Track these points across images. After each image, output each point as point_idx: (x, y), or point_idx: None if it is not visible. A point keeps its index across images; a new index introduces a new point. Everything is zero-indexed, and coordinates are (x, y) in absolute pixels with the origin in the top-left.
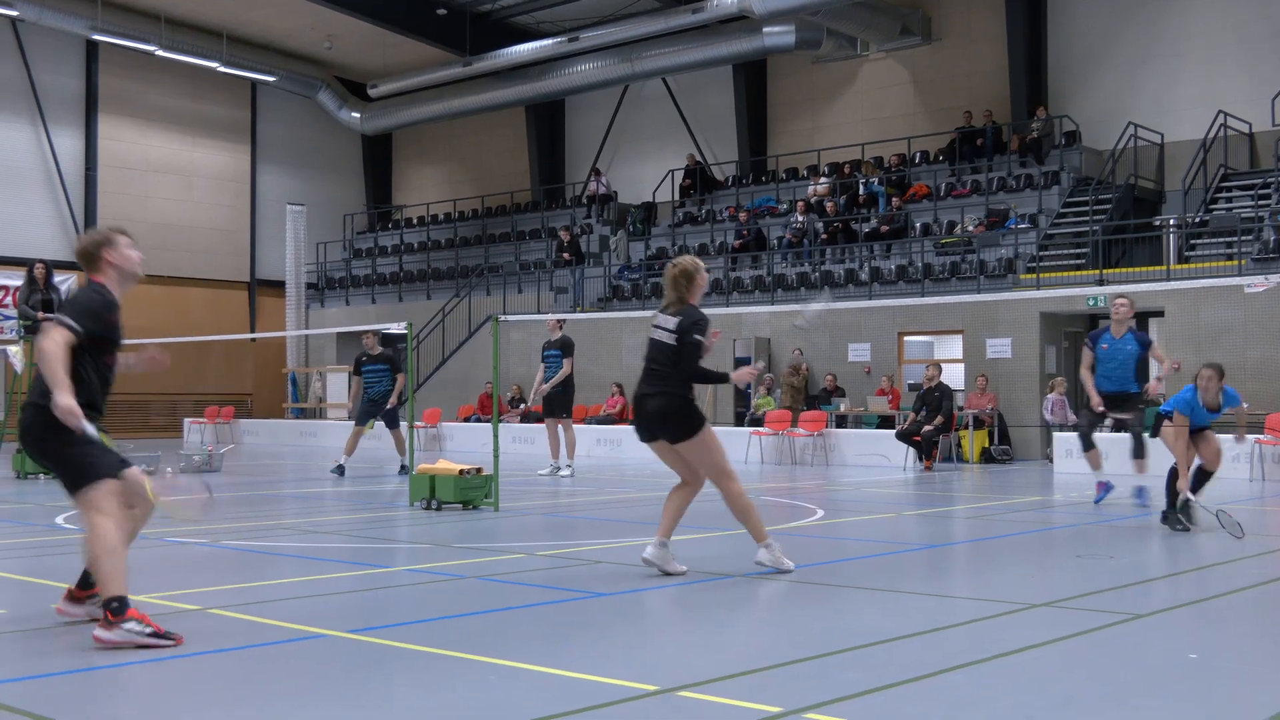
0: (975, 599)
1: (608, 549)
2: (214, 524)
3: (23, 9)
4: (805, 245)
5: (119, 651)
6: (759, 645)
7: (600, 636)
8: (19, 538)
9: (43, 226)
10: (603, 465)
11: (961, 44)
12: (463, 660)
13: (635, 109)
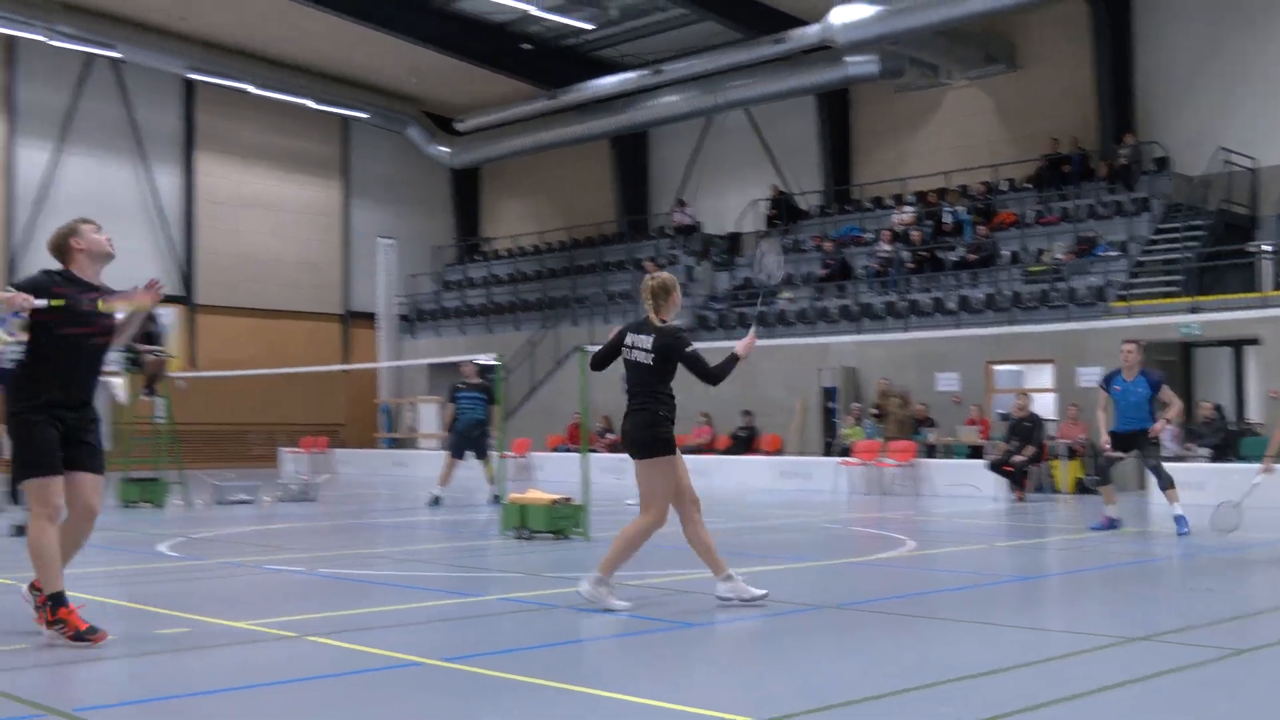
0: (1070, 632)
1: (696, 579)
2: (311, 552)
3: (124, 50)
4: (891, 274)
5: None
6: (850, 676)
7: (691, 666)
8: (123, 564)
9: (144, 260)
10: None
11: (1047, 70)
12: (555, 689)
13: (718, 140)
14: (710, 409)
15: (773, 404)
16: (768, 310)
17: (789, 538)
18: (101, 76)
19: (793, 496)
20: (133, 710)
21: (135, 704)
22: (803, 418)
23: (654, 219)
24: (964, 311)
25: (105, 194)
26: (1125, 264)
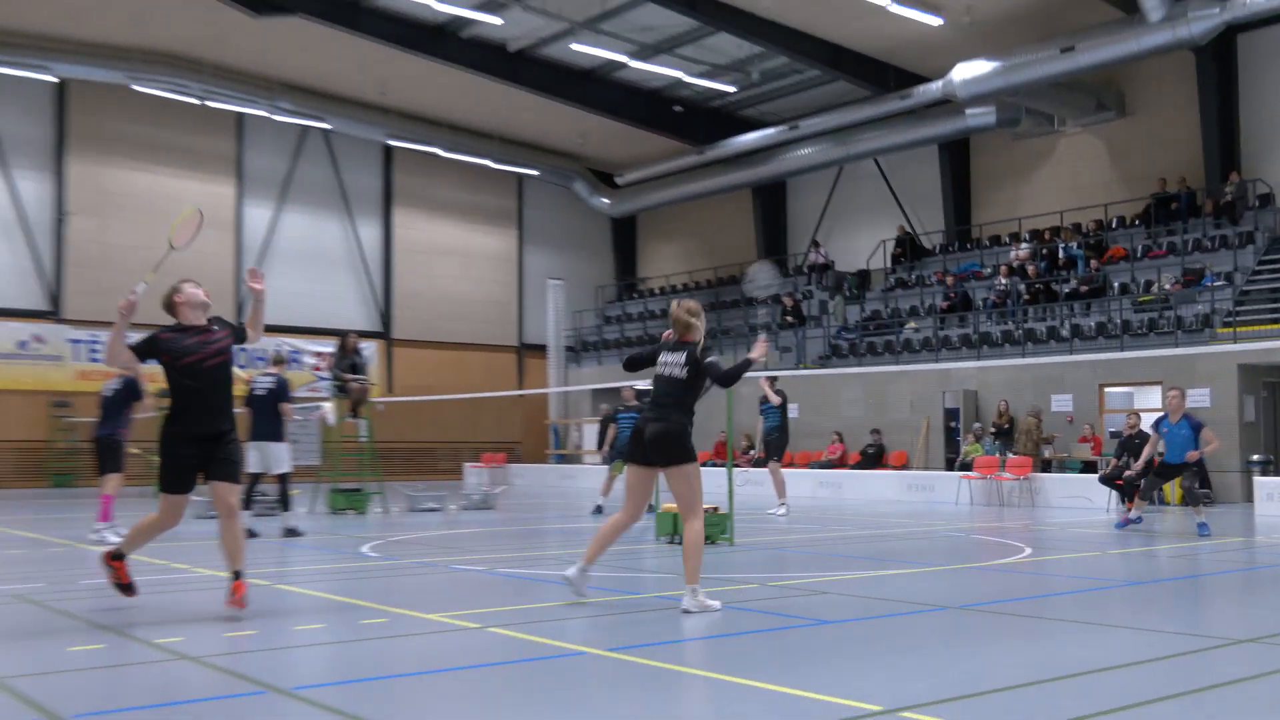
0: (1181, 633)
1: (831, 580)
2: (491, 554)
3: (334, 122)
4: (1009, 305)
5: (413, 663)
6: (974, 671)
7: (828, 660)
8: (331, 564)
9: (350, 303)
10: (825, 505)
11: (1155, 116)
12: (704, 678)
13: (849, 186)
14: (842, 428)
15: (899, 423)
16: (894, 340)
17: (915, 545)
18: (314, 145)
19: (918, 507)
20: (341, 689)
21: (343, 684)
22: (927, 436)
23: (791, 258)
24: (1077, 338)
25: (317, 245)
26: (1231, 293)
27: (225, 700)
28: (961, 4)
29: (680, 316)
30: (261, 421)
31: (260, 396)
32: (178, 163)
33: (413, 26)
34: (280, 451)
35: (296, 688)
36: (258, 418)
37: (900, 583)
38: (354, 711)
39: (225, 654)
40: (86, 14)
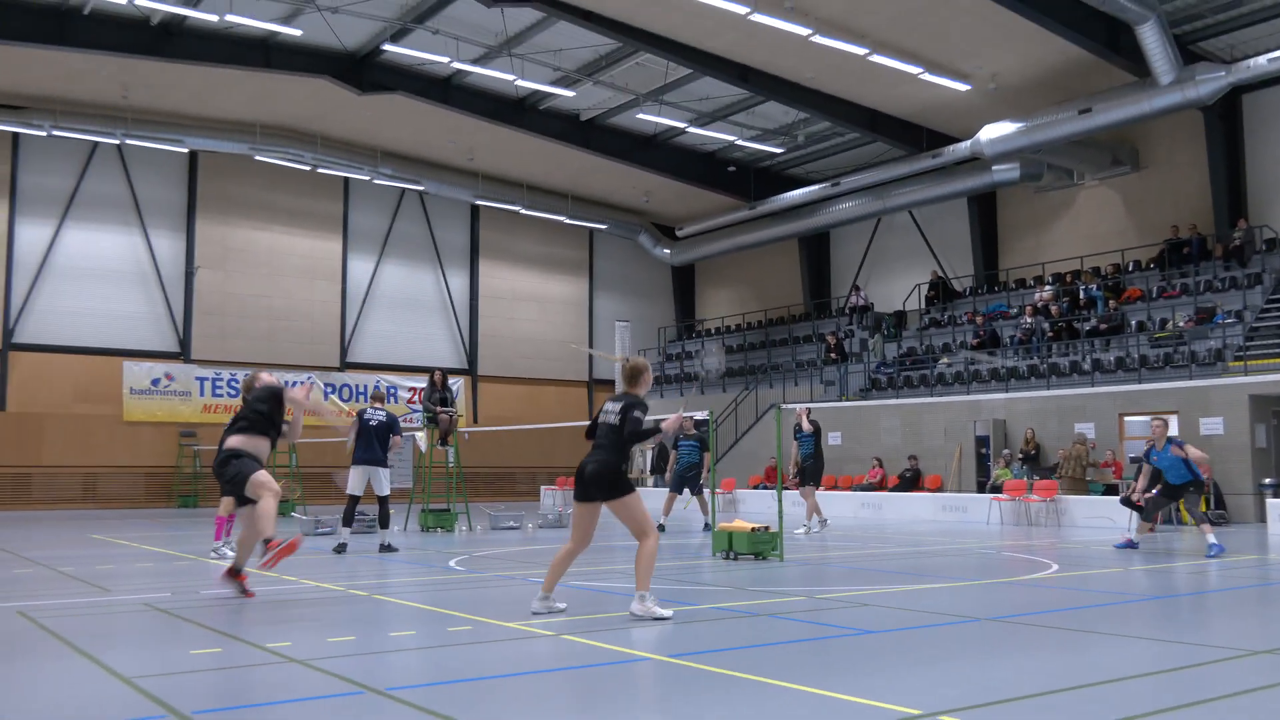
0: (1199, 645)
1: (872, 594)
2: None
3: (428, 185)
4: (1034, 342)
5: (495, 666)
6: (1005, 678)
7: (869, 666)
8: (422, 576)
9: (440, 343)
10: (866, 525)
11: (1167, 169)
12: (755, 682)
13: (886, 236)
14: (882, 454)
15: (934, 450)
16: (929, 374)
17: (949, 561)
18: (411, 204)
19: (951, 527)
20: (431, 690)
21: (433, 685)
22: (959, 461)
23: (834, 301)
24: (1098, 372)
25: (412, 293)
26: (1241, 329)
27: (327, 699)
28: (987, 72)
29: (625, 371)
30: (373, 448)
31: (374, 426)
32: (291, 222)
33: (497, 101)
34: (384, 476)
35: (390, 688)
36: (370, 444)
37: (936, 596)
38: (441, 710)
39: (328, 657)
40: (215, 95)
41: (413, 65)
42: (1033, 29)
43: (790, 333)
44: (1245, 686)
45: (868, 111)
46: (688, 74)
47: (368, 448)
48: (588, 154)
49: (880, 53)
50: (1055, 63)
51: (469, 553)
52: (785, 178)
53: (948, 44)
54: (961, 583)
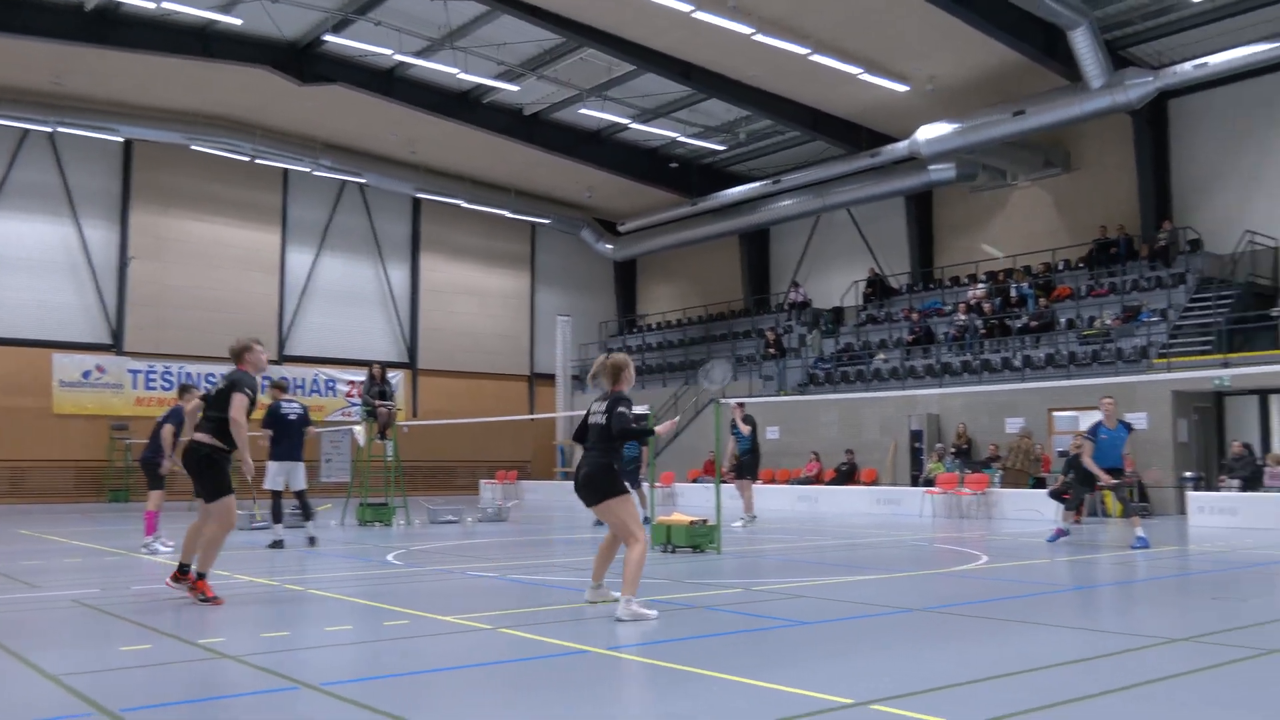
0: (1122, 633)
1: (808, 585)
2: (503, 562)
3: (369, 177)
4: (967, 339)
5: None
6: (936, 668)
7: (804, 657)
8: (359, 571)
9: (379, 336)
10: (803, 518)
11: (1096, 171)
12: (692, 674)
13: (825, 233)
14: (819, 448)
15: (870, 444)
16: (865, 369)
17: (883, 553)
18: (351, 197)
19: (886, 519)
20: (366, 685)
21: (368, 679)
22: (894, 455)
23: (774, 297)
24: (1028, 368)
25: (352, 285)
26: (1165, 327)
27: (261, 695)
28: (925, 73)
29: (607, 368)
30: (294, 443)
31: (292, 421)
32: (228, 213)
33: (440, 94)
34: (302, 470)
35: (325, 683)
36: (290, 439)
37: (870, 587)
38: (376, 705)
39: (261, 653)
40: (151, 83)
41: (354, 56)
42: (970, 32)
43: (730, 328)
44: (1165, 673)
45: (808, 110)
46: (631, 70)
47: (288, 443)
48: (531, 148)
49: (821, 53)
50: (991, 65)
51: (407, 547)
52: (727, 175)
53: (887, 45)
54: (894, 574)
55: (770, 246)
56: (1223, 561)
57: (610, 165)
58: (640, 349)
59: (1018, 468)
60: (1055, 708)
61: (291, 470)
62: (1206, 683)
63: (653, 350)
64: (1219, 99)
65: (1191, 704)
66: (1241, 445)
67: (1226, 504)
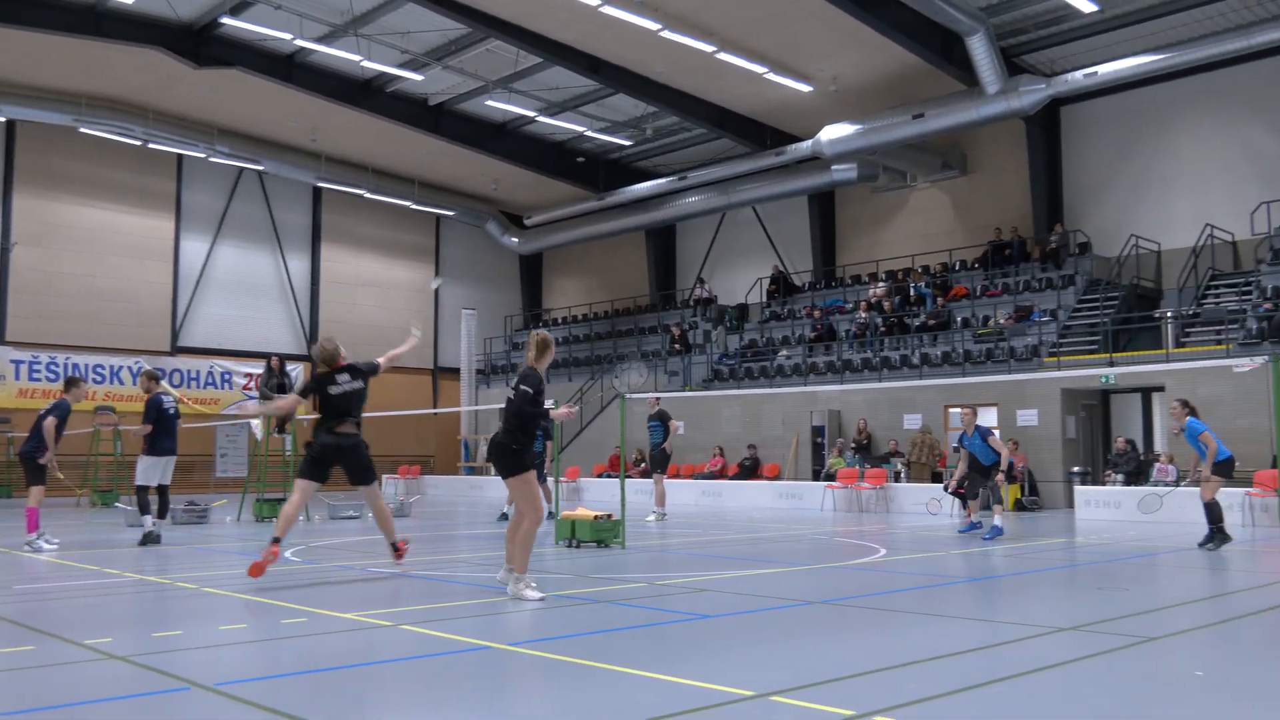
0: (1012, 623)
1: (710, 579)
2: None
3: (268, 164)
4: (868, 336)
5: (330, 658)
6: (834, 659)
7: (706, 650)
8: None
9: (278, 328)
10: (705, 513)
11: (992, 175)
12: (596, 668)
13: (731, 230)
14: (723, 443)
15: (773, 439)
16: (769, 365)
17: (785, 546)
18: (249, 184)
19: (788, 513)
20: (263, 684)
21: (265, 679)
22: (796, 450)
23: (679, 293)
24: (926, 365)
25: (249, 276)
26: (1055, 327)
27: (150, 696)
28: (828, 74)
29: (534, 340)
30: (175, 437)
31: (174, 415)
32: (119, 199)
33: (342, 81)
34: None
35: (219, 684)
36: (172, 434)
37: (771, 581)
38: (272, 705)
39: (152, 653)
40: (38, 61)
41: (253, 40)
42: (873, 36)
43: (636, 323)
44: (1052, 661)
45: (715, 108)
46: (538, 63)
47: (170, 437)
48: (435, 139)
49: (728, 51)
50: (893, 69)
51: (305, 543)
52: (634, 170)
53: (793, 46)
54: (796, 568)
55: (677, 242)
56: (1107, 553)
57: (516, 158)
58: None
59: (921, 462)
60: (949, 696)
61: (167, 465)
62: (1090, 670)
63: (558, 345)
64: (1108, 107)
65: (1076, 690)
66: (1125, 441)
67: (1111, 498)
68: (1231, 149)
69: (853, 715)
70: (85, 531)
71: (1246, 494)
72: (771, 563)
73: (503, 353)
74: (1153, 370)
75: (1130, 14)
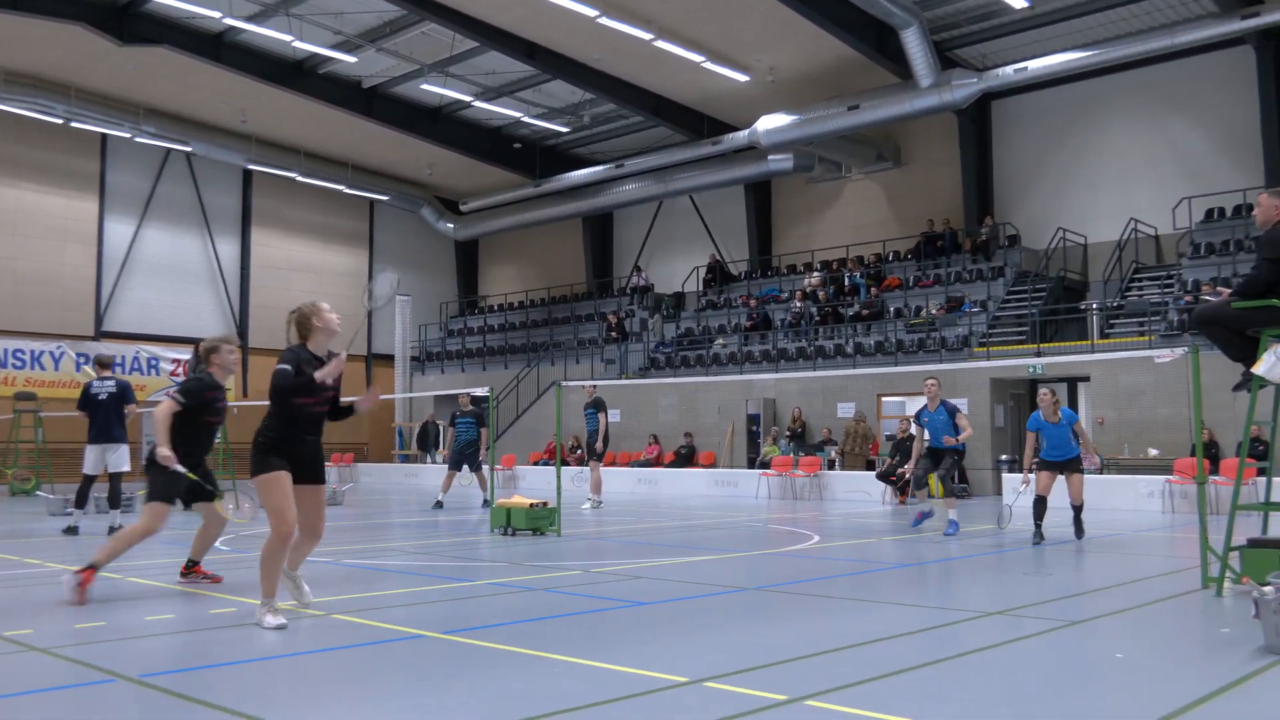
0: (942, 608)
1: (646, 566)
2: (338, 546)
3: (196, 146)
4: (803, 325)
5: (259, 649)
6: (768, 645)
7: (641, 637)
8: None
9: (208, 314)
10: (641, 500)
11: (924, 167)
12: (531, 656)
13: (668, 219)
14: (659, 431)
15: (708, 427)
16: (705, 354)
17: (720, 534)
18: (177, 166)
19: (723, 501)
20: (189, 675)
21: (191, 670)
22: (731, 438)
23: (616, 281)
24: (859, 355)
25: (177, 260)
26: (985, 318)
27: (74, 689)
28: (765, 65)
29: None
30: (109, 424)
31: (104, 400)
32: (41, 179)
33: (273, 61)
34: (122, 452)
35: (145, 675)
36: (105, 420)
37: (706, 568)
38: (199, 696)
39: (75, 644)
40: None
41: (181, 18)
42: (809, 27)
43: (573, 311)
44: (981, 644)
45: (652, 96)
46: (474, 47)
47: (103, 424)
48: (369, 122)
49: (665, 39)
50: (829, 61)
51: (235, 532)
52: (570, 157)
53: (730, 35)
54: (730, 554)
55: (614, 230)
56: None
57: (452, 143)
58: (482, 330)
59: (854, 451)
60: (881, 680)
61: (107, 452)
62: (1017, 652)
63: (494, 332)
64: (1037, 102)
65: (1003, 672)
66: None
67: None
68: (1155, 145)
69: (787, 699)
70: (5, 521)
71: (1167, 481)
72: (706, 550)
73: (438, 340)
74: (1079, 361)
75: (1060, 10)
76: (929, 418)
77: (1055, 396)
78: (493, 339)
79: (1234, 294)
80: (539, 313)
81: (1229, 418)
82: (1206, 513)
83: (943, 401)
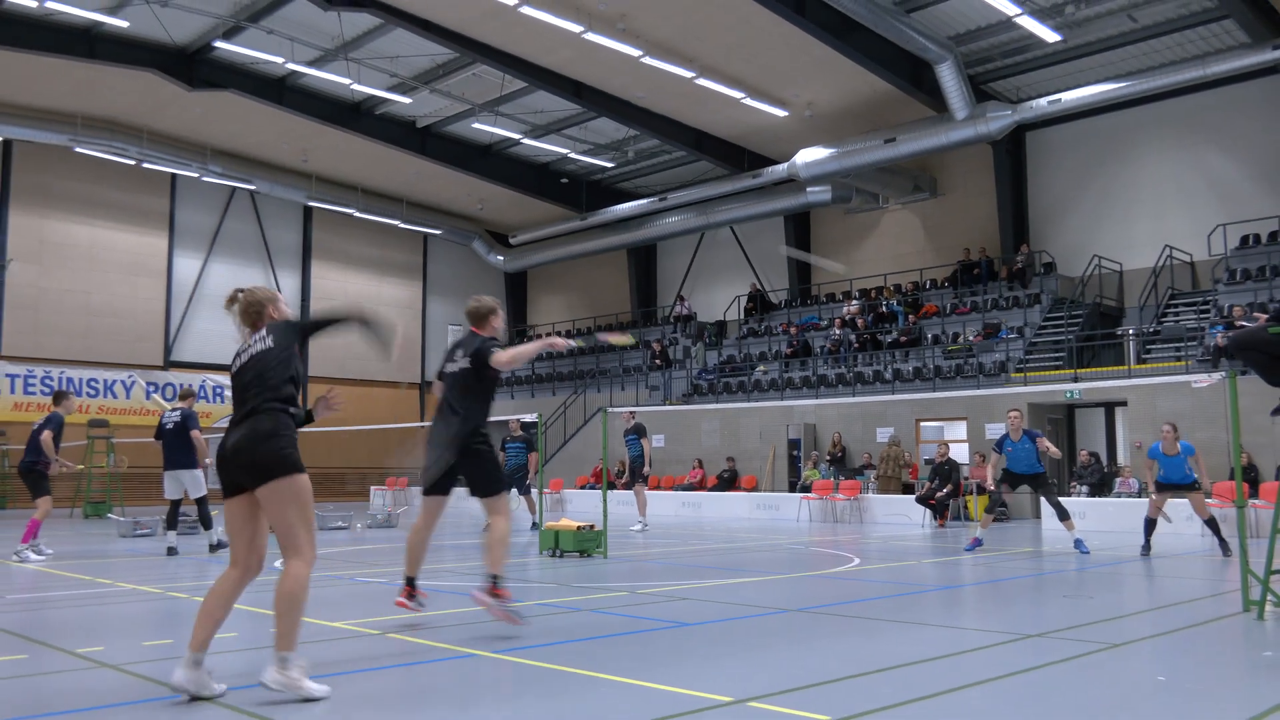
0: (981, 630)
1: (691, 588)
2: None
3: (259, 184)
4: (841, 352)
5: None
6: (810, 665)
7: (686, 658)
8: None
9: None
10: (686, 523)
11: (961, 197)
12: (578, 675)
13: (710, 250)
14: (702, 455)
15: (750, 452)
16: (746, 380)
17: (762, 556)
18: (241, 203)
19: (765, 524)
20: (253, 693)
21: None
22: (773, 462)
23: (660, 310)
24: (897, 380)
25: None
26: (1022, 344)
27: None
28: (803, 100)
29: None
30: (173, 452)
31: (168, 430)
32: (114, 217)
33: (332, 103)
34: (195, 477)
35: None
36: (170, 449)
37: (749, 589)
38: (260, 713)
39: (143, 661)
40: (35, 82)
41: (245, 64)
42: (846, 63)
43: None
44: (1023, 666)
45: (694, 132)
46: (523, 87)
47: (168, 452)
48: (423, 160)
49: (706, 77)
50: (865, 95)
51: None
52: (616, 191)
53: (769, 72)
54: (773, 576)
55: (657, 261)
56: (1073, 562)
57: (502, 179)
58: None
59: (890, 475)
60: (923, 701)
61: (180, 479)
62: (1058, 674)
63: (542, 360)
64: (1071, 133)
65: (1044, 694)
66: (1089, 454)
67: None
68: (1189, 173)
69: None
70: (78, 542)
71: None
72: (749, 572)
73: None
74: (1115, 385)
75: (1092, 44)
76: (1013, 447)
77: (1176, 432)
78: (541, 367)
79: (1271, 319)
80: (587, 341)
81: (1268, 441)
82: (1247, 536)
83: (1025, 430)
